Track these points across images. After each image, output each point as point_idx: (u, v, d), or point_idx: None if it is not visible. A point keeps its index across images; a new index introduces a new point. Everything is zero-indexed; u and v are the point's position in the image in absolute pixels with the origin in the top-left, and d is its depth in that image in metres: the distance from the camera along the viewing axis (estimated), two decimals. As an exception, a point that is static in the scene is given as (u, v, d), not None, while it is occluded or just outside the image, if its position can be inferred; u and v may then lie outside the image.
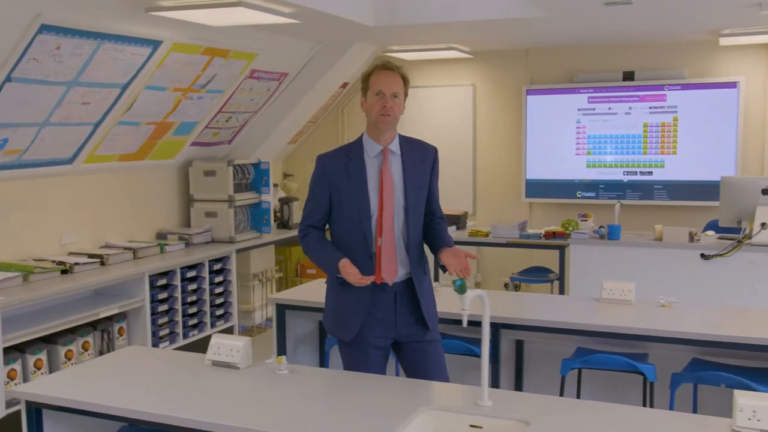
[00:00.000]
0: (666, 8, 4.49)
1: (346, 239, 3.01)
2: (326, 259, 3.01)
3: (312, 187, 3.12)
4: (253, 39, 5.55)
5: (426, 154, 3.12)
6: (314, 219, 3.10)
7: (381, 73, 2.97)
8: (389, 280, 2.98)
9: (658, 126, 6.48)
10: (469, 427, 2.35)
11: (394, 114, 2.95)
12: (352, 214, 2.98)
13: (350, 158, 3.02)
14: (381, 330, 3.00)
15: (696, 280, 5.25)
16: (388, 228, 2.98)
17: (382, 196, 2.97)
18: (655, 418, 2.33)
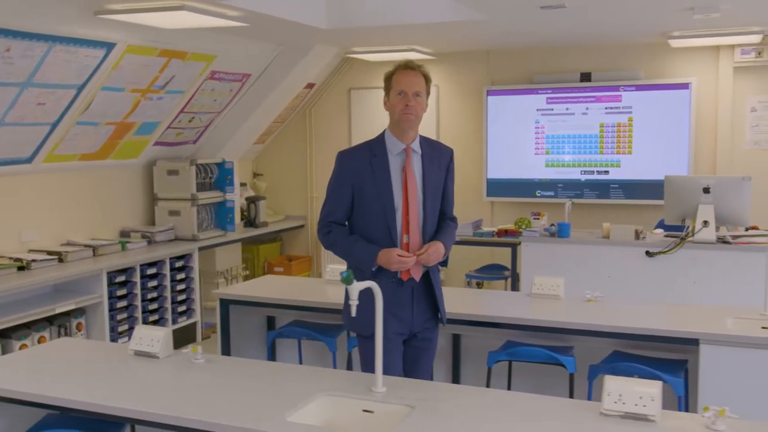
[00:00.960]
0: (599, 12, 4.61)
1: (371, 235, 3.02)
2: (361, 251, 3.00)
3: (333, 184, 3.12)
4: (211, 41, 5.67)
5: (442, 156, 3.18)
6: (337, 215, 3.09)
7: (403, 73, 3.01)
8: (416, 276, 3.03)
9: (614, 126, 6.61)
10: (362, 411, 2.47)
11: (416, 113, 2.99)
12: (376, 210, 3.00)
13: (373, 154, 3.04)
14: (399, 326, 3.04)
15: (641, 277, 5.36)
16: (414, 225, 3.02)
17: (406, 192, 3.01)
18: (535, 402, 2.46)
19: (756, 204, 6.17)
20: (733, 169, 6.34)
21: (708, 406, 2.21)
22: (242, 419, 2.29)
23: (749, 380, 3.29)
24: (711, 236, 5.18)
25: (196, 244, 6.32)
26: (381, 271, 2.99)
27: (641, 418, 2.25)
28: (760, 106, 6.27)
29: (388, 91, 3.05)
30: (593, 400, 3.41)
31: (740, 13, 4.90)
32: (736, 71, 6.28)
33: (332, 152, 7.63)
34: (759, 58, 6.13)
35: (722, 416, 2.18)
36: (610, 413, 2.28)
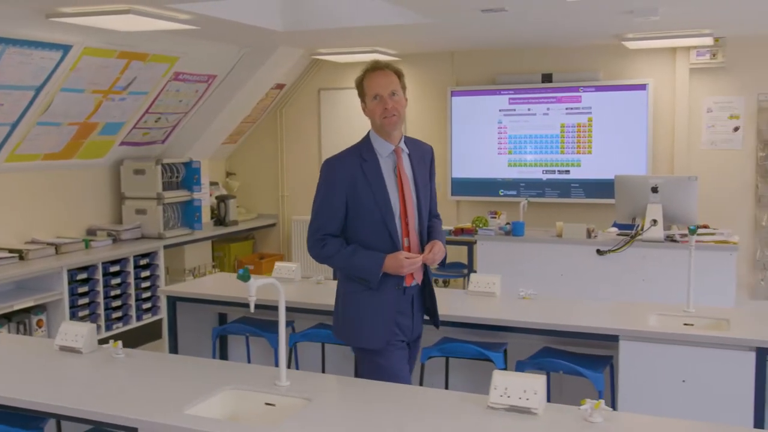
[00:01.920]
0: (540, 15, 4.69)
1: (371, 243, 2.90)
2: (365, 261, 2.87)
3: (323, 196, 2.95)
4: (172, 43, 5.76)
5: (425, 154, 3.07)
6: (331, 227, 2.94)
7: (372, 75, 2.91)
8: (419, 279, 2.97)
9: (574, 126, 6.69)
10: (264, 404, 2.57)
11: (398, 112, 2.87)
12: (374, 217, 2.88)
13: (364, 159, 2.90)
14: (403, 335, 2.97)
15: (592, 275, 5.45)
16: (412, 226, 2.94)
17: (403, 195, 2.90)
18: (424, 395, 2.56)
19: (712, 203, 6.30)
20: (690, 168, 6.43)
21: (585, 399, 2.30)
22: (141, 412, 2.38)
23: (668, 375, 3.38)
24: (659, 235, 5.27)
25: (161, 243, 6.41)
26: (385, 279, 2.88)
27: (524, 411, 2.34)
28: (716, 106, 6.35)
29: (363, 96, 2.94)
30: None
31: (680, 16, 4.98)
32: (692, 72, 6.36)
33: (303, 152, 7.89)
34: (714, 59, 6.21)
35: (597, 408, 2.27)
36: (496, 406, 2.37)
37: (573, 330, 3.55)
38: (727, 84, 6.31)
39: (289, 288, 4.48)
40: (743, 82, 6.26)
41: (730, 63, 6.25)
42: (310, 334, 4.14)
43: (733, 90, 6.30)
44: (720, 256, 5.14)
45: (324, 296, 4.19)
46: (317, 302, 4.11)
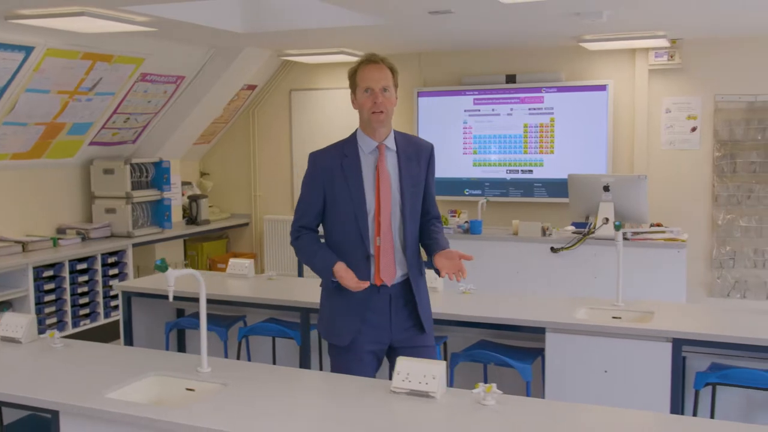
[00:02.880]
0: (486, 17, 4.81)
1: (342, 239, 2.90)
2: (320, 263, 2.89)
3: (304, 186, 2.99)
4: (137, 44, 5.88)
5: (421, 152, 3.00)
6: (307, 219, 2.97)
7: (367, 68, 2.88)
8: (388, 281, 2.88)
9: (537, 126, 6.81)
10: (185, 389, 2.68)
11: (386, 110, 2.84)
12: (347, 213, 2.87)
13: (345, 154, 2.89)
14: (375, 335, 2.89)
15: (547, 272, 5.57)
16: (386, 227, 2.86)
17: (378, 193, 2.86)
18: (334, 380, 2.68)
19: (670, 202, 6.43)
20: (650, 168, 6.55)
21: (479, 384, 2.42)
22: (64, 396, 2.50)
23: (591, 365, 3.50)
24: (610, 232, 5.37)
25: (130, 241, 6.53)
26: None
27: (423, 395, 2.45)
28: (674, 107, 6.47)
29: (354, 88, 2.90)
30: (455, 385, 3.64)
31: (634, 18, 5.10)
32: (651, 74, 6.48)
33: (275, 152, 8.01)
34: (671, 61, 6.33)
35: (489, 392, 2.38)
36: (397, 390, 2.49)
37: (502, 323, 3.66)
38: (684, 85, 6.44)
39: (242, 283, 4.61)
40: (700, 83, 6.38)
41: (687, 64, 6.37)
42: (257, 327, 4.27)
43: (691, 91, 6.42)
44: (669, 254, 5.26)
45: (275, 292, 4.32)
46: (268, 297, 4.23)
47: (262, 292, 4.35)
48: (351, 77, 2.94)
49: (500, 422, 2.29)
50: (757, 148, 6.22)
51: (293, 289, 4.39)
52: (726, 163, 6.33)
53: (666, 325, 3.41)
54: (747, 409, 3.56)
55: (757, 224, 6.27)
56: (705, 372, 3.35)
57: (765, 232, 6.26)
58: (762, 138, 6.20)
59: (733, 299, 6.36)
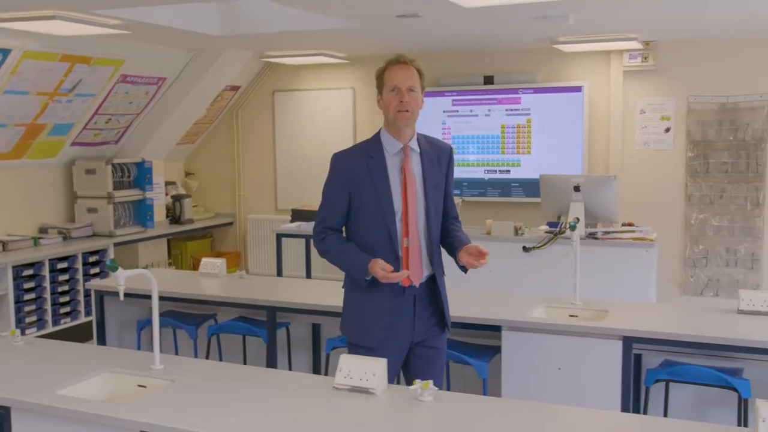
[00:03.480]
0: (453, 21, 4.88)
1: (370, 240, 2.89)
2: (353, 260, 2.87)
3: (328, 188, 2.97)
4: (115, 46, 5.96)
5: (441, 153, 3.02)
6: (333, 221, 2.95)
7: (395, 68, 2.88)
8: (416, 281, 2.90)
9: (514, 127, 6.88)
10: (137, 386, 2.76)
11: (412, 109, 2.85)
12: (375, 214, 2.86)
13: (370, 155, 2.89)
14: (400, 336, 2.92)
15: (519, 271, 5.64)
16: (413, 227, 2.88)
17: (405, 194, 2.87)
18: (279, 377, 2.77)
19: (645, 202, 6.52)
20: (624, 168, 6.63)
21: (416, 380, 2.49)
22: (15, 393, 2.57)
23: (545, 363, 3.57)
24: (581, 232, 5.44)
25: (111, 240, 6.61)
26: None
27: (364, 391, 2.53)
28: (649, 108, 6.55)
29: (381, 88, 2.91)
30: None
31: (601, 21, 5.18)
32: (626, 75, 6.55)
33: (258, 152, 8.10)
34: (645, 62, 6.41)
35: (426, 388, 2.46)
36: (340, 387, 2.57)
37: (460, 321, 3.73)
38: (658, 86, 6.51)
39: (213, 282, 4.69)
40: (674, 85, 6.45)
41: (661, 66, 6.44)
42: (226, 326, 4.35)
43: (665, 92, 6.49)
44: (637, 253, 5.33)
45: (244, 291, 4.39)
46: (237, 296, 4.31)
47: (232, 291, 4.43)
48: (378, 77, 2.93)
49: (433, 417, 2.37)
50: (729, 149, 6.30)
51: (262, 288, 4.47)
52: (699, 163, 6.40)
53: (617, 324, 3.48)
54: (700, 407, 3.64)
55: (729, 224, 6.34)
56: (655, 369, 3.42)
57: (737, 232, 6.33)
58: (734, 138, 6.27)
59: (706, 297, 6.44)
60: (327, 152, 8.65)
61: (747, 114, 6.22)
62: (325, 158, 3.24)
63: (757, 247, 6.29)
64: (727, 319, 3.58)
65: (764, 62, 6.15)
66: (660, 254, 6.39)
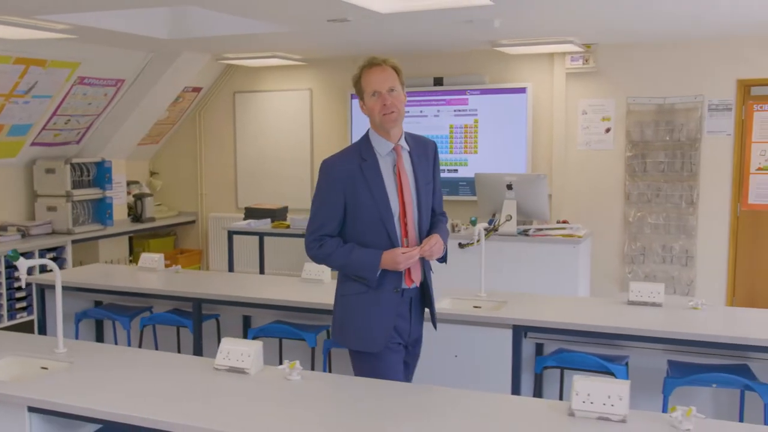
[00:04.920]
0: (381, 24, 5.09)
1: (369, 243, 2.85)
2: (362, 258, 2.83)
3: (321, 196, 2.91)
4: (70, 49, 6.16)
5: (427, 150, 3.01)
6: (329, 228, 2.90)
7: (370, 72, 2.88)
8: (417, 281, 2.92)
9: (462, 127, 7.09)
10: (40, 368, 2.97)
11: (397, 109, 2.84)
12: (372, 217, 2.83)
13: (363, 158, 2.85)
14: (399, 339, 2.93)
15: (456, 267, 5.77)
16: (411, 227, 2.88)
17: (402, 194, 2.85)
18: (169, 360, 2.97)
19: (587, 200, 6.74)
20: (567, 167, 6.83)
21: (286, 361, 2.70)
22: None
23: (443, 351, 3.77)
24: (512, 229, 5.67)
25: (69, 237, 6.82)
26: (383, 281, 2.85)
27: (240, 371, 2.74)
28: (590, 109, 6.75)
29: (361, 94, 2.90)
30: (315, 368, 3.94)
31: (525, 25, 5.37)
32: (568, 77, 6.76)
33: (220, 152, 8.33)
34: (586, 65, 6.61)
35: (293, 368, 2.67)
36: (219, 367, 2.78)
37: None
38: (599, 88, 6.71)
39: (151, 276, 4.90)
40: (613, 86, 6.65)
41: (601, 68, 6.65)
42: (157, 317, 4.56)
43: (605, 93, 6.70)
44: (565, 249, 5.53)
45: (180, 284, 4.60)
46: (173, 289, 4.52)
47: (165, 284, 4.64)
48: (356, 84, 2.92)
49: (297, 393, 2.58)
50: (665, 149, 6.50)
51: (193, 282, 4.67)
52: (637, 162, 6.61)
53: (509, 314, 3.69)
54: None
55: (665, 221, 6.55)
56: (544, 356, 3.63)
57: (672, 229, 6.54)
58: (670, 139, 6.48)
59: (645, 293, 6.62)
60: (285, 152, 8.90)
61: (682, 115, 6.43)
62: (284, 159, 3.35)
63: (691, 245, 6.49)
64: (615, 309, 3.79)
65: (699, 65, 6.35)
66: (600, 251, 6.63)
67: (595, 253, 6.61)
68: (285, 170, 7.92)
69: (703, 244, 6.48)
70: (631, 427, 2.22)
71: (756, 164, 6.27)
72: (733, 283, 6.44)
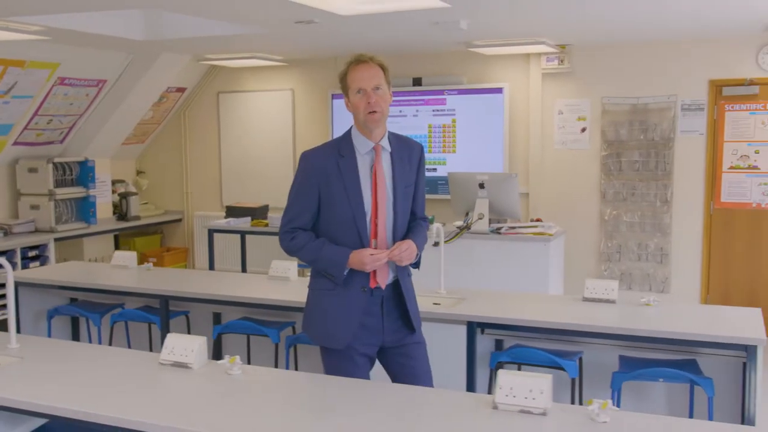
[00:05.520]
0: (352, 27, 5.15)
1: (339, 239, 2.85)
2: (330, 256, 2.84)
3: (297, 187, 2.91)
4: (49, 51, 6.23)
5: (412, 152, 2.99)
6: (302, 221, 2.90)
7: (356, 69, 2.83)
8: (383, 283, 2.89)
9: (440, 127, 7.16)
10: (-8, 363, 3.05)
11: (381, 109, 2.81)
12: (344, 214, 2.83)
13: (341, 155, 2.84)
14: (369, 338, 2.90)
15: (431, 264, 5.86)
16: (382, 229, 2.87)
17: (376, 195, 2.84)
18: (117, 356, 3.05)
19: (564, 199, 6.80)
20: (544, 166, 6.89)
21: (231, 357, 2.77)
22: None
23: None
24: (484, 227, 5.73)
25: (52, 235, 6.91)
26: (351, 280, 2.85)
27: (183, 366, 2.81)
28: (566, 109, 6.81)
29: (346, 91, 2.86)
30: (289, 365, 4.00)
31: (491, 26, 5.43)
32: (544, 77, 6.81)
33: (205, 151, 8.41)
34: (561, 65, 6.67)
35: (233, 363, 2.74)
36: (164, 362, 2.85)
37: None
38: (574, 88, 6.77)
39: (122, 273, 4.97)
40: (588, 87, 6.71)
41: (575, 68, 6.71)
42: (126, 314, 4.64)
43: (580, 94, 6.75)
44: (535, 247, 5.59)
45: (151, 282, 4.67)
46: (143, 287, 4.59)
47: (135, 281, 4.71)
48: (342, 80, 2.88)
49: (234, 387, 2.64)
50: (639, 148, 6.56)
51: (163, 279, 4.74)
52: (612, 161, 6.66)
53: (465, 310, 3.75)
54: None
55: (640, 219, 6.60)
56: (498, 352, 3.69)
57: (647, 227, 6.59)
58: (644, 138, 6.53)
59: (621, 291, 6.66)
60: (268, 152, 8.98)
61: (656, 115, 6.48)
62: (267, 158, 3.40)
63: (665, 243, 6.55)
64: (570, 306, 3.85)
65: (672, 65, 6.41)
66: (576, 249, 6.70)
67: (571, 251, 6.68)
68: (268, 169, 8.00)
69: (678, 241, 6.53)
70: (550, 419, 2.28)
71: (728, 163, 6.32)
72: (707, 280, 6.49)
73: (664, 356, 3.60)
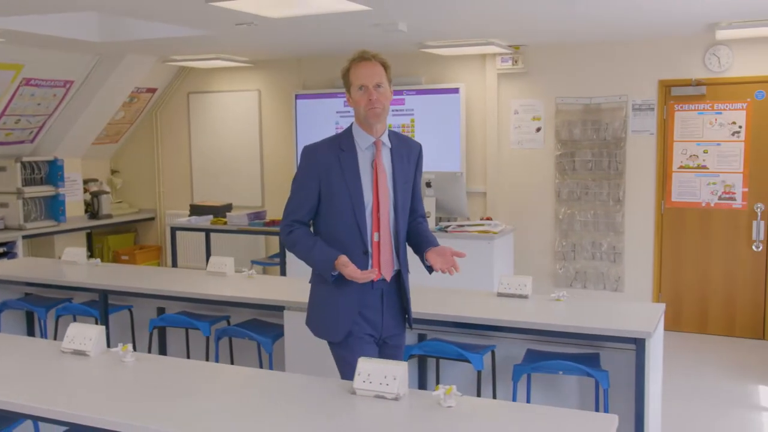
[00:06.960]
0: (291, 28, 5.29)
1: (338, 235, 2.90)
2: (320, 256, 2.88)
3: (298, 180, 2.97)
4: (13, 52, 6.39)
5: (411, 151, 3.07)
6: (300, 213, 2.95)
7: (359, 66, 2.90)
8: (387, 276, 2.93)
9: (399, 127, 7.27)
10: None
11: (382, 105, 2.89)
12: (344, 208, 2.87)
13: (342, 149, 2.90)
14: (368, 329, 2.94)
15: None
16: (384, 222, 2.91)
17: (377, 188, 2.89)
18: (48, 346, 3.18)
19: (520, 198, 6.92)
20: (501, 166, 7.00)
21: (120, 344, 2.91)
22: None
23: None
24: (431, 225, 5.84)
25: (20, 233, 7.08)
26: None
27: (81, 353, 2.95)
28: (521, 109, 6.91)
29: (348, 87, 2.93)
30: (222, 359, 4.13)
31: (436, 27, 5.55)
32: (500, 77, 6.92)
33: (176, 151, 8.57)
34: (516, 66, 6.77)
35: (125, 350, 2.87)
36: (65, 350, 2.98)
37: (247, 303, 4.14)
38: (529, 88, 6.87)
39: (74, 269, 5.12)
40: (543, 87, 6.81)
41: (530, 69, 6.81)
42: (70, 308, 4.78)
43: (535, 94, 6.86)
44: (479, 245, 5.70)
45: (101, 278, 4.80)
46: (87, 282, 4.74)
47: (90, 277, 4.84)
48: (344, 76, 2.95)
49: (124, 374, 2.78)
50: (592, 147, 6.65)
51: (105, 275, 4.87)
52: (566, 161, 6.76)
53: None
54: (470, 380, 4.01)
55: (593, 218, 6.70)
56: (412, 345, 3.80)
57: (601, 226, 6.69)
58: (596, 137, 6.63)
59: (575, 289, 6.79)
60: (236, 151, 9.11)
61: (608, 114, 6.58)
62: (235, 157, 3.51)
63: (618, 241, 6.64)
64: (483, 300, 3.95)
65: (623, 66, 6.50)
66: (532, 247, 6.81)
67: (527, 249, 6.79)
68: (237, 168, 8.15)
69: (630, 240, 6.63)
70: (402, 403, 2.40)
71: (678, 162, 6.41)
72: (659, 278, 6.58)
73: (570, 350, 3.70)
